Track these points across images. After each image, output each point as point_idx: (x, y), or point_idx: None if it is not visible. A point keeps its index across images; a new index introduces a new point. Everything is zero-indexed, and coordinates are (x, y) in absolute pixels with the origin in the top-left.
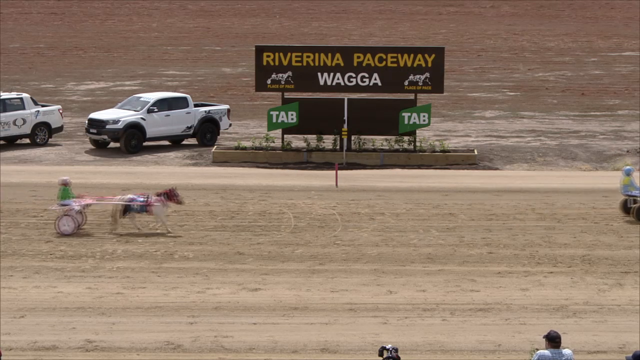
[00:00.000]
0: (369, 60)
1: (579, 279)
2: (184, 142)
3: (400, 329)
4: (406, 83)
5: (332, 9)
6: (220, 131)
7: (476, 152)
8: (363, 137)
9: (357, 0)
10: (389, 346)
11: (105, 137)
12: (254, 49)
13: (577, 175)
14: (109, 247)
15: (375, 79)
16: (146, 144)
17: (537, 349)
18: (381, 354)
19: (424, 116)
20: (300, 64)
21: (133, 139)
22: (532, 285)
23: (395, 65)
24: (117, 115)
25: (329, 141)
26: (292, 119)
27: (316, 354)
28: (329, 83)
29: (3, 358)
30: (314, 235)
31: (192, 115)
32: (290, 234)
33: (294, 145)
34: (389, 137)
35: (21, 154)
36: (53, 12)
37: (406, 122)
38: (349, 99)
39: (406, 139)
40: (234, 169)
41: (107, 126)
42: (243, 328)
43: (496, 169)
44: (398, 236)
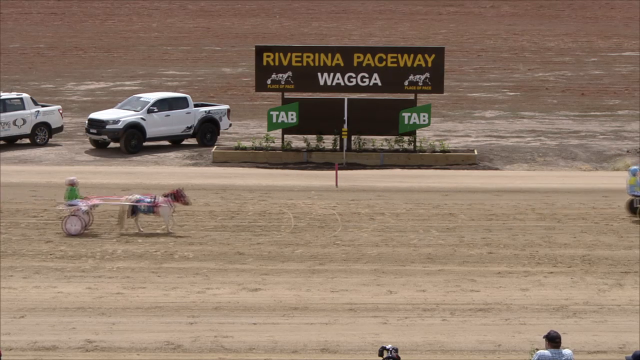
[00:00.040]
0: (369, 60)
1: (579, 279)
2: (184, 142)
3: (400, 329)
4: (406, 83)
5: (332, 9)
6: (220, 131)
7: (476, 152)
8: (363, 137)
9: (357, 0)
10: (389, 346)
11: (105, 137)
12: (254, 49)
13: (577, 175)
14: (109, 247)
15: (375, 79)
16: (146, 144)
17: (537, 349)
18: (381, 354)
19: (424, 116)
20: (300, 64)
21: (133, 139)
22: (532, 285)
23: (395, 65)
24: (117, 115)
25: (329, 141)
26: (292, 119)
27: (316, 354)
28: (329, 83)
29: (3, 358)
30: (314, 235)
31: (192, 115)
32: (290, 234)
33: (294, 145)
34: (389, 137)
35: (21, 154)
36: (53, 12)
37: (406, 122)
38: (349, 99)
39: (406, 139)
40: (234, 169)
41: (107, 126)
42: (243, 328)
43: (496, 169)
44: (398, 236)
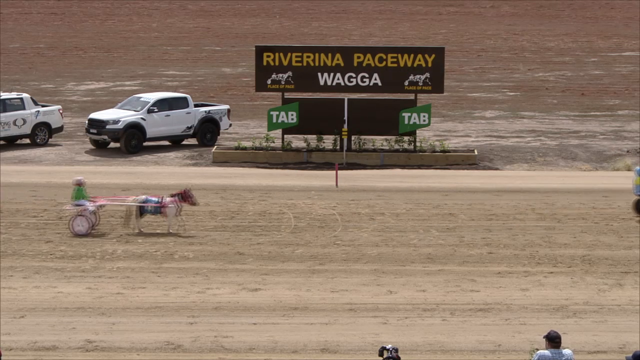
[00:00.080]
0: (369, 60)
1: (579, 279)
2: (184, 142)
3: (400, 329)
4: (406, 83)
5: (332, 9)
6: (221, 131)
7: (476, 152)
8: (363, 137)
9: (357, 0)
10: (389, 346)
11: (105, 137)
12: (254, 49)
13: (577, 175)
14: (109, 247)
15: (375, 79)
16: (146, 144)
17: (537, 349)
18: (381, 354)
19: (424, 116)
20: (300, 64)
21: (133, 139)
22: (532, 285)
23: (395, 65)
24: (117, 115)
25: (329, 141)
26: (292, 119)
27: (316, 354)
28: (329, 83)
29: (3, 358)
30: (314, 235)
31: (192, 115)
32: (290, 234)
33: (294, 145)
34: (389, 137)
35: (21, 154)
36: (53, 12)
37: (406, 122)
38: (349, 99)
39: (406, 139)
40: (234, 169)
41: (107, 126)
42: (243, 328)
43: (496, 169)
44: (398, 236)
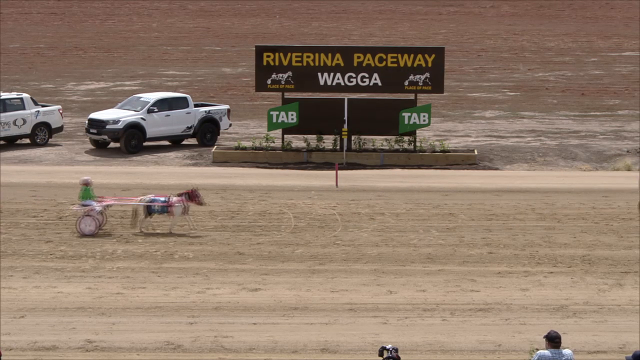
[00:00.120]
0: (369, 60)
1: (579, 279)
2: (184, 142)
3: (400, 329)
4: (406, 83)
5: (332, 9)
6: (220, 131)
7: (476, 152)
8: (363, 137)
9: (357, 0)
10: (389, 346)
11: (105, 137)
12: (254, 49)
13: (577, 175)
14: (109, 247)
15: (375, 79)
16: (146, 144)
17: (537, 349)
18: (381, 354)
19: (424, 116)
20: (300, 64)
21: (133, 139)
22: (532, 285)
23: (395, 65)
24: (117, 115)
25: (329, 141)
26: (292, 119)
27: (316, 354)
28: (329, 83)
29: (3, 358)
30: (314, 235)
31: (192, 115)
32: (290, 234)
33: (294, 145)
34: (389, 137)
35: (21, 154)
36: (53, 12)
37: (406, 122)
38: (349, 99)
39: (406, 139)
40: (234, 169)
41: (107, 126)
42: (243, 328)
43: (496, 169)
44: (398, 236)
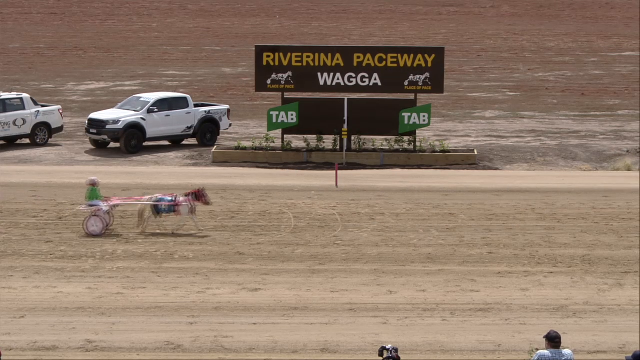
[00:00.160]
0: (369, 60)
1: (579, 279)
2: (184, 142)
3: (400, 329)
4: (406, 83)
5: (332, 9)
6: (220, 131)
7: (476, 152)
8: (363, 137)
9: (357, 0)
10: (389, 346)
11: (105, 137)
12: (254, 49)
13: (577, 175)
14: (109, 247)
15: (375, 79)
16: (146, 144)
17: (537, 349)
18: (381, 354)
19: (424, 116)
20: (300, 64)
21: (133, 139)
22: (532, 285)
23: (395, 65)
24: (117, 115)
25: (329, 141)
26: (292, 119)
27: (316, 354)
28: (329, 83)
29: (3, 358)
30: (314, 235)
31: (192, 115)
32: (290, 234)
33: (294, 145)
34: (389, 137)
35: (21, 154)
36: (53, 12)
37: (406, 122)
38: (349, 99)
39: (406, 139)
40: (234, 169)
41: (107, 126)
42: (243, 328)
43: (496, 169)
44: (398, 236)
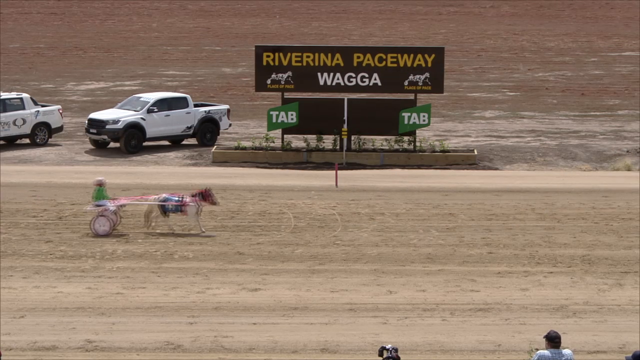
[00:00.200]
0: (369, 60)
1: (579, 279)
2: (184, 142)
3: (400, 329)
4: (406, 83)
5: (332, 9)
6: (220, 131)
7: (476, 152)
8: (363, 137)
9: (357, 0)
10: (389, 346)
11: (105, 137)
12: (254, 49)
13: (577, 175)
14: (109, 247)
15: (375, 79)
16: (146, 144)
17: (536, 349)
18: (381, 354)
19: (424, 116)
20: (300, 64)
21: (133, 139)
22: (532, 285)
23: (395, 65)
24: (117, 115)
25: (329, 141)
26: (292, 119)
27: (316, 354)
28: (329, 83)
29: (3, 358)
30: (314, 235)
31: (192, 115)
32: (290, 234)
33: (294, 145)
34: (389, 137)
35: (21, 154)
36: (53, 12)
37: (406, 122)
38: (349, 99)
39: (406, 139)
40: (234, 169)
41: (107, 126)
42: (243, 328)
43: (496, 169)
44: (398, 236)
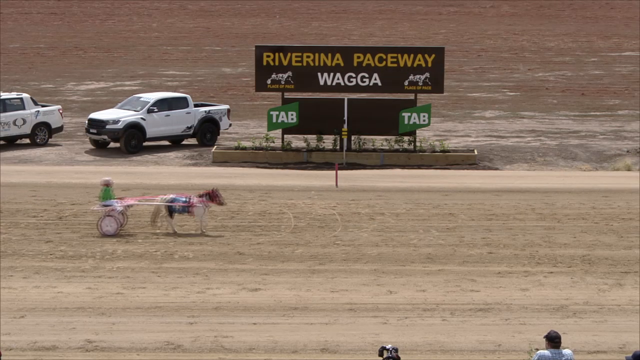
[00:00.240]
0: (369, 60)
1: (579, 279)
2: (184, 142)
3: (400, 329)
4: (406, 83)
5: (332, 9)
6: (220, 131)
7: (476, 152)
8: (363, 137)
9: (357, 0)
10: (389, 346)
11: (105, 137)
12: (254, 49)
13: (577, 175)
14: (109, 247)
15: (375, 79)
16: (146, 144)
17: (536, 349)
18: (381, 354)
19: (424, 116)
20: (300, 64)
21: (133, 139)
22: (532, 285)
23: (395, 65)
24: (117, 115)
25: (329, 141)
26: (292, 119)
27: (316, 354)
28: (329, 83)
29: (3, 358)
30: (314, 235)
31: (192, 115)
32: (290, 234)
33: (294, 145)
34: (389, 137)
35: (21, 154)
36: (53, 12)
37: (406, 122)
38: (349, 99)
39: (406, 139)
40: (234, 169)
41: (107, 126)
42: (243, 328)
43: (496, 169)
44: (398, 236)
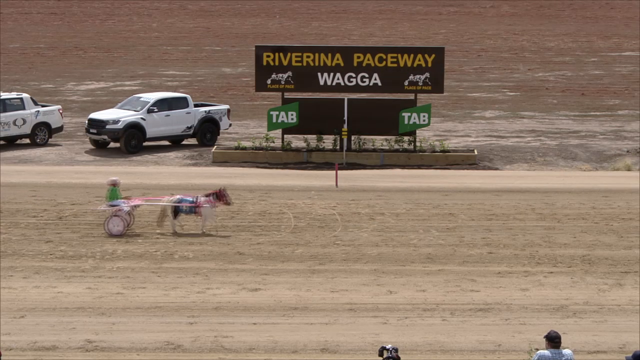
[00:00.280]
0: (369, 60)
1: (579, 279)
2: (184, 142)
3: (400, 329)
4: (406, 83)
5: (332, 9)
6: (220, 131)
7: (476, 152)
8: (363, 137)
9: (357, 0)
10: (389, 346)
11: (105, 137)
12: (254, 49)
13: (577, 175)
14: (109, 247)
15: (375, 79)
16: (146, 144)
17: (536, 349)
18: (381, 354)
19: (424, 116)
20: (300, 64)
21: (133, 139)
22: (532, 285)
23: (395, 65)
24: (117, 115)
25: (329, 141)
26: (292, 119)
27: (316, 354)
28: (329, 83)
29: (3, 358)
30: (314, 235)
31: (192, 115)
32: (290, 234)
33: (294, 145)
34: (389, 137)
35: (21, 154)
36: (53, 12)
37: (406, 122)
38: (349, 99)
39: (406, 139)
40: (234, 169)
41: (107, 126)
42: (243, 328)
43: (496, 169)
44: (398, 236)
